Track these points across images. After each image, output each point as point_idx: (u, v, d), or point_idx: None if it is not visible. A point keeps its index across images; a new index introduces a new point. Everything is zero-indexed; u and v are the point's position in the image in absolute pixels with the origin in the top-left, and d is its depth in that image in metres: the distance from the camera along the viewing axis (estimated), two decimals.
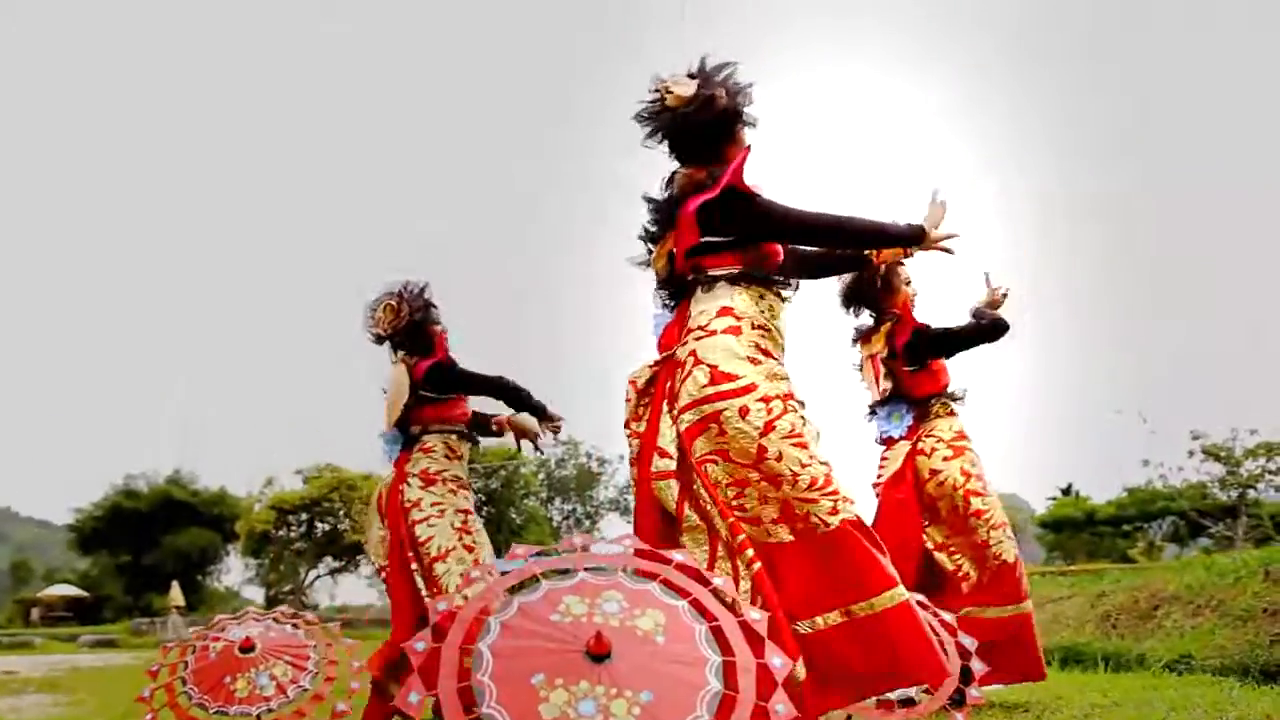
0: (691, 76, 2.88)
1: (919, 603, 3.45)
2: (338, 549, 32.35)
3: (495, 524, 33.67)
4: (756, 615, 1.99)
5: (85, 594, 37.06)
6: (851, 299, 4.48)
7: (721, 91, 2.85)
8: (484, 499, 36.14)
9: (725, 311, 2.77)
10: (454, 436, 4.47)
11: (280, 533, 32.85)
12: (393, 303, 4.48)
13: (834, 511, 2.63)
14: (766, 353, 2.77)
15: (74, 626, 30.54)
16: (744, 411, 2.66)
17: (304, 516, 32.52)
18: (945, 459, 4.29)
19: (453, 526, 4.23)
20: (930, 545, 4.29)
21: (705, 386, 2.71)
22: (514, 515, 35.66)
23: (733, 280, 2.82)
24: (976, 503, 4.23)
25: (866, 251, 3.54)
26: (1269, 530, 18.30)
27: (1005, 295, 4.41)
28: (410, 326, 4.45)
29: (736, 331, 2.75)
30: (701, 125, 2.87)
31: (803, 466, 2.63)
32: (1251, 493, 21.64)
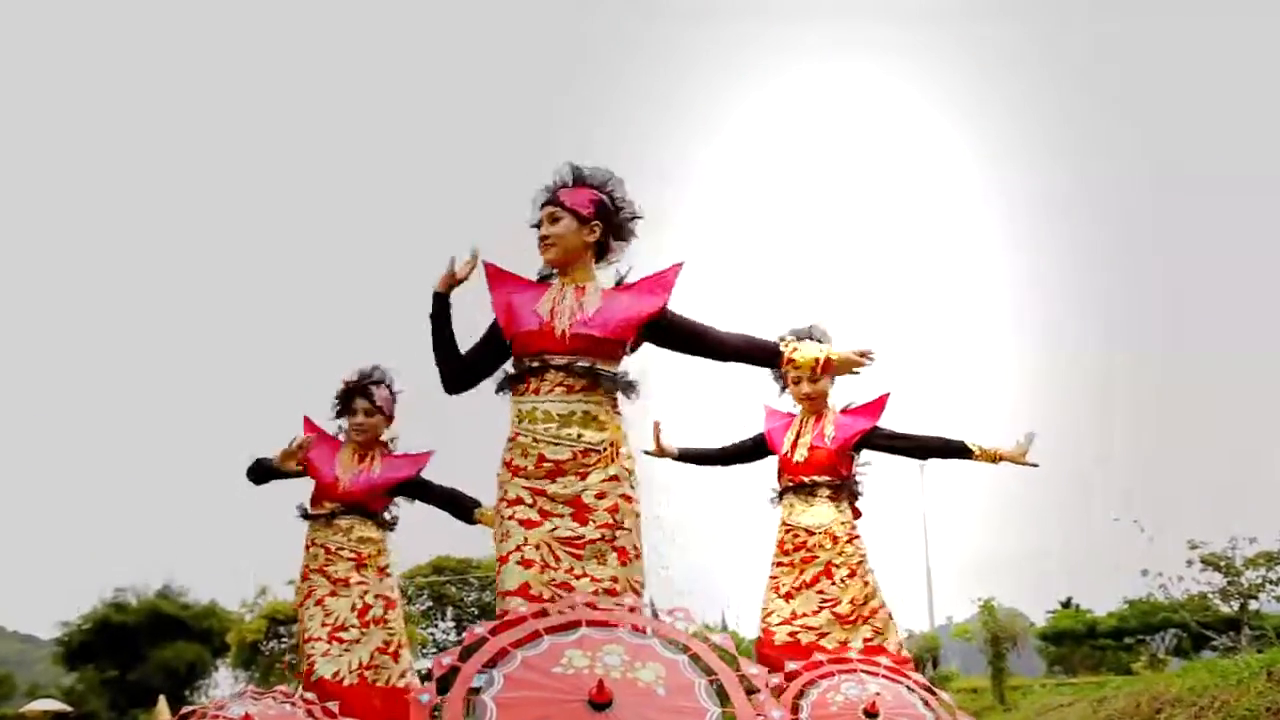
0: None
1: (899, 660, 3.60)
2: None
3: None
4: (754, 670, 2.03)
5: (69, 708, 36.21)
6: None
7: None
8: (477, 612, 35.61)
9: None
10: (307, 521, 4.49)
11: (271, 643, 32.29)
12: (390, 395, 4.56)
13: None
14: (507, 464, 2.95)
15: None
16: None
17: (296, 628, 31.96)
18: None
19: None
20: None
21: None
22: None
23: (509, 384, 3.05)
24: None
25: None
26: (1273, 641, 18.03)
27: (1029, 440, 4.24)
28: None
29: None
30: None
31: (497, 573, 2.84)
32: (1253, 604, 21.35)
